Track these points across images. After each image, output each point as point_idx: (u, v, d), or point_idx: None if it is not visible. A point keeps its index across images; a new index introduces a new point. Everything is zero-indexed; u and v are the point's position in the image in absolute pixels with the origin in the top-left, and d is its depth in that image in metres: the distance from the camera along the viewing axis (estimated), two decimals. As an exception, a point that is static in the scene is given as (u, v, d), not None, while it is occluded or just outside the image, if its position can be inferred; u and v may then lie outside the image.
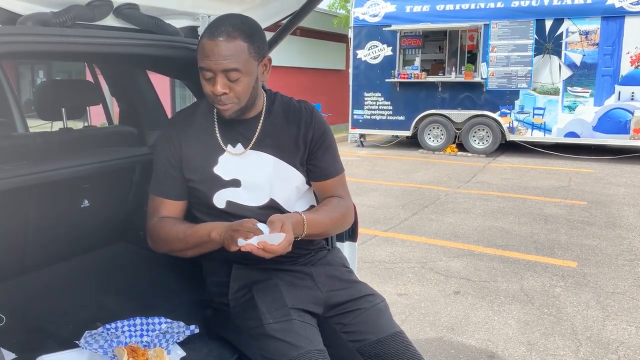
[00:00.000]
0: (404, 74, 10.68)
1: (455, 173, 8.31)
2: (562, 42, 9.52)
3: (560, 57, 9.57)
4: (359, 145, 11.56)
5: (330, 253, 1.63)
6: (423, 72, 10.60)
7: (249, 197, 1.50)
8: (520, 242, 4.71)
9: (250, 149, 1.50)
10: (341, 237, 1.83)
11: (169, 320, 1.48)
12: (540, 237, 4.84)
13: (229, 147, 1.51)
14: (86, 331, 1.42)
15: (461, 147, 10.40)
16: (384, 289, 3.61)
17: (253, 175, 1.50)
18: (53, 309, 1.72)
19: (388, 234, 4.97)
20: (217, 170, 1.49)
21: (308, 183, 1.58)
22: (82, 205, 1.95)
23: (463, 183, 7.49)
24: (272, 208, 1.50)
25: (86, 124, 2.20)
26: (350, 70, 11.32)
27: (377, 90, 11.01)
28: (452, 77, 10.32)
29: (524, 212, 5.78)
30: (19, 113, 3.42)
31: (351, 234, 1.85)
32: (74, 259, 2.06)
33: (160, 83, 5.47)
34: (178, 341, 1.43)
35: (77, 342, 1.38)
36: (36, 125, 2.99)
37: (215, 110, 1.51)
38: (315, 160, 1.56)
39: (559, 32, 9.51)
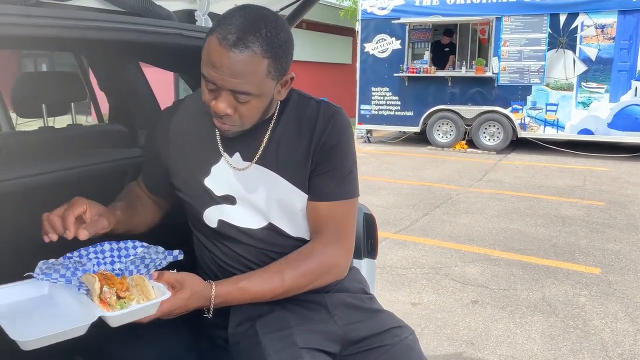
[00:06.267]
0: (413, 69, 10.41)
1: (466, 171, 8.06)
2: (576, 36, 9.22)
3: (574, 51, 9.26)
4: (365, 141, 11.32)
5: (346, 275, 1.35)
6: (432, 67, 10.34)
7: (244, 217, 1.24)
8: (539, 245, 4.47)
9: (253, 162, 1.23)
10: (359, 254, 1.59)
11: (145, 244, 1.21)
12: (559, 241, 4.59)
13: (226, 155, 1.25)
14: (41, 261, 1.14)
15: (471, 144, 10.14)
16: (397, 298, 3.39)
17: (250, 194, 1.23)
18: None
19: (399, 236, 4.73)
20: (208, 182, 1.25)
21: None
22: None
23: (474, 181, 7.24)
24: (273, 231, 1.25)
25: (70, 123, 1.98)
26: (358, 64, 11.05)
27: (385, 85, 10.74)
28: (463, 72, 10.05)
29: (540, 213, 5.53)
30: (2, 110, 3.18)
31: (370, 250, 1.61)
32: None
33: (164, 76, 5.22)
34: (160, 268, 1.14)
35: (30, 273, 1.11)
36: (23, 122, 2.78)
37: None
38: (315, 177, 1.24)
39: (573, 25, 9.21)
